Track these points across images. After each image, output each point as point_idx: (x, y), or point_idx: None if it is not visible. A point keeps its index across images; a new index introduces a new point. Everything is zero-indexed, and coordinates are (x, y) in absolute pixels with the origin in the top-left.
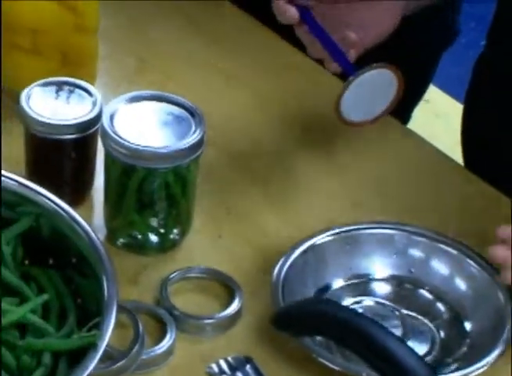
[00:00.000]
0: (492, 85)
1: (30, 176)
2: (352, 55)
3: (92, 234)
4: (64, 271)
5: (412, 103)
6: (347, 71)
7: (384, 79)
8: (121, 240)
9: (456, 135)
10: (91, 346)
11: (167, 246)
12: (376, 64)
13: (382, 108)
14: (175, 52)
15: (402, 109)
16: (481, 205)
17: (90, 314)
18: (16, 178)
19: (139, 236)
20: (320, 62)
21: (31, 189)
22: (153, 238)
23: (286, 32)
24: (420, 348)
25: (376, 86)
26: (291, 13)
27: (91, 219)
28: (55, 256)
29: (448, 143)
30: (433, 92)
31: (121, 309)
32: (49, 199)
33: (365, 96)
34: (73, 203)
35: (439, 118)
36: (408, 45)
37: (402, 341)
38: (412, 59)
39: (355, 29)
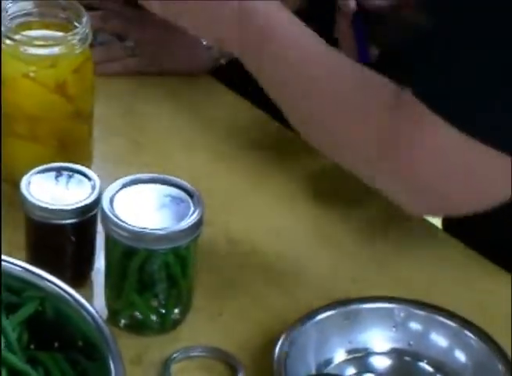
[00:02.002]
0: None
1: (31, 260)
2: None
3: (97, 317)
4: (70, 354)
5: None
6: None
7: None
8: (123, 321)
9: None
10: None
11: (168, 326)
12: None
13: None
14: (168, 134)
15: None
16: (472, 275)
17: None
18: (19, 264)
19: (141, 317)
20: None
21: (35, 273)
22: (155, 318)
23: (277, 113)
24: None
25: None
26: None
27: (92, 301)
28: (60, 339)
29: None
30: None
31: None
32: (53, 283)
33: None
34: (74, 285)
35: None
36: None
37: None
38: None
39: None
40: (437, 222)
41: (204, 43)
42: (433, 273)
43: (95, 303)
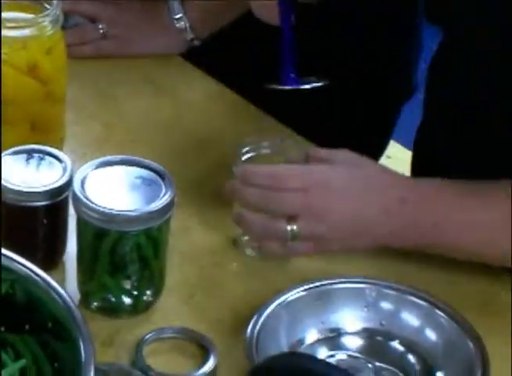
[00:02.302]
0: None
1: (2, 243)
2: None
3: (67, 299)
4: (40, 335)
5: (374, 158)
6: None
7: None
8: (95, 304)
9: None
10: None
11: (140, 307)
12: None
13: None
14: (141, 116)
15: None
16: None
17: None
18: None
19: (113, 299)
20: None
21: (6, 256)
22: (127, 300)
23: (253, 96)
24: None
25: None
26: None
27: (65, 284)
28: (30, 321)
29: None
30: (395, 148)
31: (97, 371)
32: (24, 265)
33: None
34: (46, 268)
35: None
36: (366, 100)
37: None
38: (371, 114)
39: None
40: None
41: (177, 25)
42: (406, 254)
43: (67, 286)
